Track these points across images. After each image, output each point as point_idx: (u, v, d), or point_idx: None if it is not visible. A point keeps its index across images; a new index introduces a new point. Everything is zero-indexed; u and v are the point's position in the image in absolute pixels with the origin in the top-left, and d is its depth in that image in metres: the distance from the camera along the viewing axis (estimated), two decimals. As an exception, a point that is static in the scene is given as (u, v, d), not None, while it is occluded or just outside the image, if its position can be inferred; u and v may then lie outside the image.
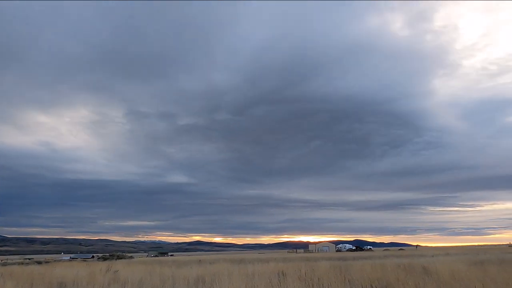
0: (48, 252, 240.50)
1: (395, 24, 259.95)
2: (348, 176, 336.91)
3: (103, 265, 29.21)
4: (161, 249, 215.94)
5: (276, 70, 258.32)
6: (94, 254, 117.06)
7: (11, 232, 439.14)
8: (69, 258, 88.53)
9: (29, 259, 79.22)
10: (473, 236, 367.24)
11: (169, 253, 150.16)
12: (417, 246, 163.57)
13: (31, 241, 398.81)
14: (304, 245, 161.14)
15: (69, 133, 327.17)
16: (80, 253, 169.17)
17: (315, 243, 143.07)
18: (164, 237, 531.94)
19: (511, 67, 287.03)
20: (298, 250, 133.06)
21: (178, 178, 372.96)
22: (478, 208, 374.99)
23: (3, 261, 64.80)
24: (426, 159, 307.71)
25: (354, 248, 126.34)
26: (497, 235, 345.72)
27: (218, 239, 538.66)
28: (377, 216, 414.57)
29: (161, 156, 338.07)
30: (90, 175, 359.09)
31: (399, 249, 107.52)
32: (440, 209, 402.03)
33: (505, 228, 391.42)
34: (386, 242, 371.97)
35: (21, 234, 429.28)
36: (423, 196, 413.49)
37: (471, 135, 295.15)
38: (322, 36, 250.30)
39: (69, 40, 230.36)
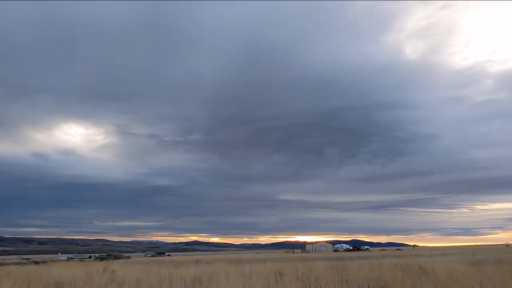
0: (45, 252, 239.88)
1: (346, 47, 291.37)
2: (325, 181, 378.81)
3: (100, 265, 29.19)
4: (159, 249, 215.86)
5: (236, 99, 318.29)
6: (91, 254, 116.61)
7: (8, 232, 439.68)
8: (66, 258, 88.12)
9: (26, 259, 78.91)
10: (469, 237, 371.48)
11: (166, 253, 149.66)
12: (414, 246, 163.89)
13: (29, 241, 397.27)
14: (301, 245, 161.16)
15: (63, 147, 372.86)
16: (77, 253, 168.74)
17: (312, 243, 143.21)
18: (161, 237, 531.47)
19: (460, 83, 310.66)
20: (295, 250, 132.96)
21: (169, 182, 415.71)
22: (464, 210, 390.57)
23: (0, 261, 64.63)
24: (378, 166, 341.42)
25: (351, 248, 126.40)
26: (492, 236, 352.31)
27: (215, 239, 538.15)
28: (372, 216, 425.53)
29: (150, 165, 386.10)
30: (85, 179, 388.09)
31: (396, 249, 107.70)
32: (432, 210, 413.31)
33: (495, 228, 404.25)
34: (383, 242, 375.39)
35: (19, 234, 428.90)
36: (412, 198, 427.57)
37: (436, 142, 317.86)
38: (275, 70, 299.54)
39: (66, 81, 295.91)
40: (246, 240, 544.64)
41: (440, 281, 12.72)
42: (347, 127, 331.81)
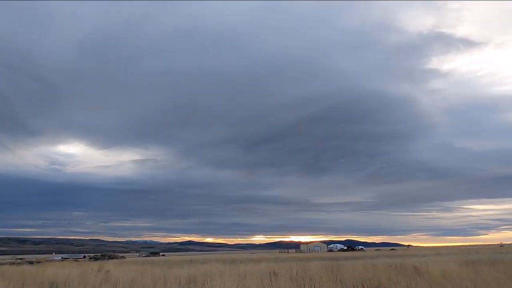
0: (39, 252, 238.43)
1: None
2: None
3: (95, 265, 29.05)
4: (153, 249, 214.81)
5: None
6: (85, 254, 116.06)
7: (2, 232, 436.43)
8: (60, 258, 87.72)
9: (20, 259, 78.43)
10: (462, 237, 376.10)
11: (161, 253, 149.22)
12: (408, 246, 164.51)
13: (23, 241, 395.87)
14: (296, 245, 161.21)
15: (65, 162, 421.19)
16: (72, 253, 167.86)
17: (306, 243, 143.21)
18: (155, 237, 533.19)
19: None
20: (289, 250, 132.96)
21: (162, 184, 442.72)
22: (457, 211, 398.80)
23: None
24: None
25: (345, 248, 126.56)
26: (483, 236, 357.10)
27: (209, 239, 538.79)
28: (367, 217, 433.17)
29: (134, 176, 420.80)
30: (80, 183, 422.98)
31: (391, 249, 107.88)
32: (427, 211, 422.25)
33: (487, 229, 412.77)
34: (377, 242, 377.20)
35: (13, 234, 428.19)
36: (406, 199, 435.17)
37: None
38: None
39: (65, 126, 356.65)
40: (240, 240, 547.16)
41: (435, 281, 12.76)
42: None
